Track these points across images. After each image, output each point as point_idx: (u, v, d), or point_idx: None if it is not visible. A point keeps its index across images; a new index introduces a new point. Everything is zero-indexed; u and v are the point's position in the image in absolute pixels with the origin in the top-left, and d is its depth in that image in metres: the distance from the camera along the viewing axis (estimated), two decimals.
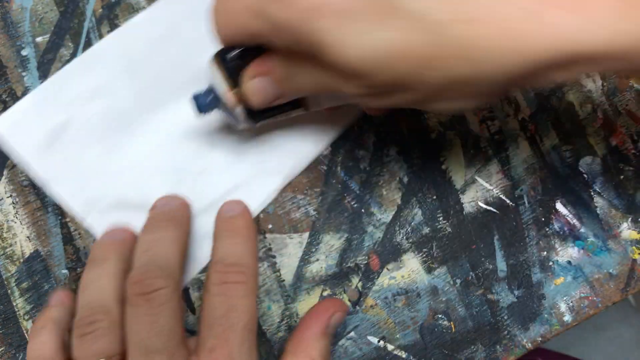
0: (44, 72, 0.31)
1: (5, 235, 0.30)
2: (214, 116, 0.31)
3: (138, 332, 0.22)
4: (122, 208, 0.30)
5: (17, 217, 0.30)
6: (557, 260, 0.32)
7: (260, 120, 0.27)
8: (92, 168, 0.30)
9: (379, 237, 0.31)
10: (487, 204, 0.32)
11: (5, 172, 0.31)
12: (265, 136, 0.31)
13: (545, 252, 0.32)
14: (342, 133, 0.32)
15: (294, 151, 0.31)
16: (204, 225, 0.30)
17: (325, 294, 0.30)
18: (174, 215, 0.27)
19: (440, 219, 0.32)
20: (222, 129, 0.31)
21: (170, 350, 0.22)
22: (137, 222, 0.28)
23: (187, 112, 0.30)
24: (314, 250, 0.31)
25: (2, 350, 0.29)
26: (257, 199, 0.31)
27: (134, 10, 0.32)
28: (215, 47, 0.25)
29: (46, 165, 0.30)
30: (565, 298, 0.31)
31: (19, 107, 0.31)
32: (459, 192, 0.32)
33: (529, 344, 0.31)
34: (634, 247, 0.32)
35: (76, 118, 0.31)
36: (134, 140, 0.31)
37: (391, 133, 0.32)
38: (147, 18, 0.32)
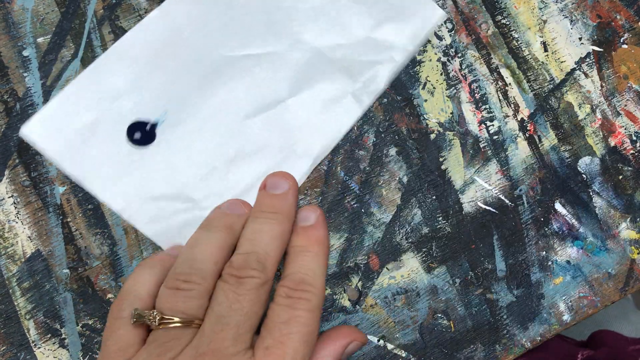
0: (45, 73, 0.32)
1: (6, 235, 0.30)
2: (239, 104, 0.31)
3: (220, 303, 0.24)
4: (158, 200, 0.31)
5: (18, 217, 0.30)
6: (556, 260, 0.32)
7: None
8: (125, 164, 0.31)
9: (379, 237, 0.31)
10: (486, 204, 0.32)
11: (6, 173, 0.31)
12: (292, 119, 0.32)
13: (544, 252, 0.32)
14: (365, 112, 0.32)
15: (322, 133, 0.32)
16: None
17: (324, 293, 0.31)
18: (282, 205, 0.27)
19: (440, 219, 0.32)
20: (248, 115, 0.32)
21: (239, 330, 0.23)
22: (174, 211, 0.30)
23: (213, 104, 0.31)
24: None
25: (3, 350, 0.29)
26: None
27: (134, 11, 0.33)
28: None
29: (79, 164, 0.31)
30: (564, 297, 0.31)
31: (47, 111, 0.31)
32: (458, 192, 0.32)
33: (528, 344, 0.31)
34: (632, 247, 0.32)
35: (105, 117, 0.31)
36: (163, 135, 0.31)
37: (391, 133, 0.32)
38: (164, 11, 0.32)
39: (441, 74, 0.33)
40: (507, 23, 0.34)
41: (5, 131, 0.31)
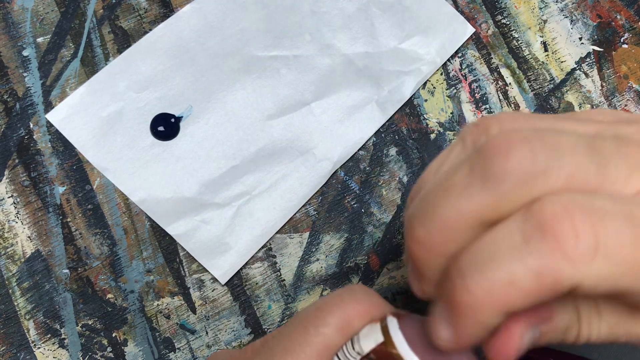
0: (45, 73, 0.32)
1: (6, 235, 0.30)
2: (263, 104, 0.31)
3: None
4: (176, 195, 0.31)
5: (18, 217, 0.30)
6: None
7: None
8: (146, 157, 0.31)
9: (379, 237, 0.31)
10: None
11: (6, 173, 0.31)
12: (314, 123, 0.32)
13: None
14: (388, 120, 0.32)
15: (343, 138, 0.32)
16: (255, 212, 0.31)
17: (325, 293, 0.31)
18: None
19: None
20: (271, 116, 0.32)
21: None
22: (192, 207, 0.30)
23: (238, 101, 0.31)
24: (314, 250, 0.31)
25: (3, 350, 0.29)
26: (307, 185, 0.31)
27: (134, 10, 0.33)
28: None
29: (102, 153, 0.31)
30: None
31: (73, 98, 0.31)
32: None
33: None
34: None
35: (130, 107, 0.31)
36: (187, 129, 0.31)
37: (391, 133, 0.32)
38: (195, 8, 0.32)
39: (441, 74, 0.33)
40: (508, 23, 0.34)
41: (5, 131, 0.31)
